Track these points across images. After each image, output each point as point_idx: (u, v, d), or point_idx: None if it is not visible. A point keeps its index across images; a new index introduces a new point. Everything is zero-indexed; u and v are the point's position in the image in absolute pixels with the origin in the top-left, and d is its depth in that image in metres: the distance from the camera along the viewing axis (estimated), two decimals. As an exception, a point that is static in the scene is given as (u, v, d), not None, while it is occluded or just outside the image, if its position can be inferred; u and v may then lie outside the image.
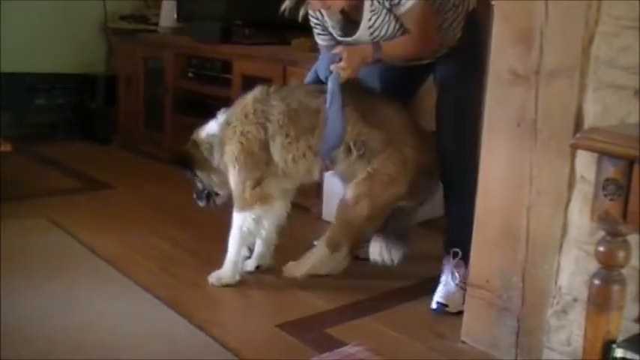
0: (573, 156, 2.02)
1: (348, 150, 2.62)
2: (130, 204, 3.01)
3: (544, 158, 2.10)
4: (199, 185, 2.88)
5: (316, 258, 2.73)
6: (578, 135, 1.68)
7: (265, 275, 2.84)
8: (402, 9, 2.54)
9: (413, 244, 3.23)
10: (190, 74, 4.42)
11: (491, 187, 2.26)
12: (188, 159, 2.83)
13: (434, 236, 3.44)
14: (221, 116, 2.80)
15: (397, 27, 2.60)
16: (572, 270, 2.07)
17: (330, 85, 2.59)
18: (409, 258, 3.10)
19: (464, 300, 2.48)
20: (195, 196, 2.92)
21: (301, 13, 2.65)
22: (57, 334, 2.31)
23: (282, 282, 2.77)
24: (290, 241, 2.92)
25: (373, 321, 2.53)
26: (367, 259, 2.78)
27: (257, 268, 2.88)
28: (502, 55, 2.17)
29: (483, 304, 2.31)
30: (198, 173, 2.84)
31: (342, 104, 2.58)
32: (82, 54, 5.07)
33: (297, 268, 2.74)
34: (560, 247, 2.09)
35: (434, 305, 2.62)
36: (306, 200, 3.40)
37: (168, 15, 4.78)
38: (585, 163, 1.98)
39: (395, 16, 2.57)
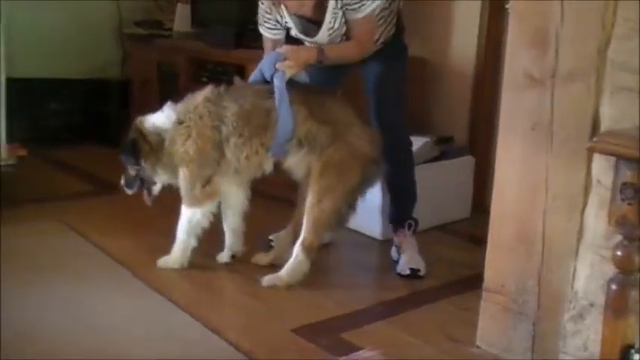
0: (589, 160, 2.00)
1: (300, 144, 2.73)
2: (144, 207, 3.01)
3: (560, 162, 2.09)
4: (132, 173, 2.92)
5: (296, 267, 2.76)
6: (594, 139, 1.67)
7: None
8: (359, 15, 2.74)
9: (428, 249, 3.23)
10: (204, 79, 4.43)
11: (506, 191, 2.25)
12: (135, 148, 2.86)
13: (449, 240, 3.45)
14: (170, 111, 2.85)
15: (344, 31, 2.80)
16: (589, 274, 2.05)
17: (276, 82, 2.70)
18: (425, 262, 3.11)
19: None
20: (123, 182, 2.96)
21: (268, 10, 2.85)
22: (71, 336, 2.32)
23: (297, 286, 2.77)
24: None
25: (388, 326, 2.52)
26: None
27: (232, 257, 2.98)
28: (517, 58, 2.17)
29: (499, 308, 2.29)
30: (143, 163, 2.87)
31: (291, 101, 2.69)
32: (97, 59, 5.10)
33: (279, 279, 2.76)
34: (576, 251, 2.07)
35: (407, 272, 2.89)
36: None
37: (182, 20, 4.80)
38: (601, 167, 1.97)
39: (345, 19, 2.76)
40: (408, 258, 2.94)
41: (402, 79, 2.99)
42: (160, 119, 2.86)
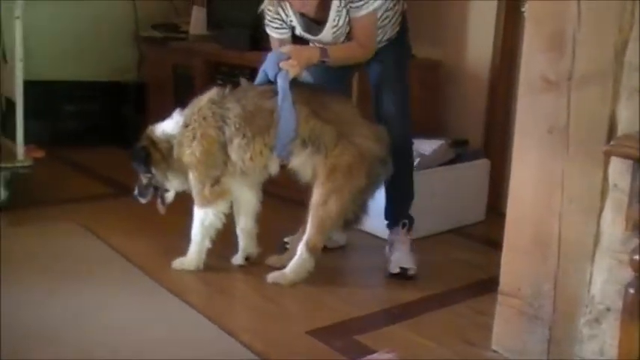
0: (606, 163, 1.99)
1: (304, 144, 2.73)
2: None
3: (576, 165, 2.08)
4: (145, 182, 2.94)
5: (300, 266, 2.77)
6: (611, 142, 1.67)
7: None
8: (361, 13, 2.75)
9: (443, 252, 3.23)
10: (219, 81, 4.44)
11: (521, 195, 2.24)
12: (146, 156, 2.88)
13: (464, 243, 3.44)
14: (178, 117, 2.88)
15: (349, 30, 2.81)
16: (605, 279, 2.04)
17: (279, 82, 2.71)
18: (439, 265, 3.10)
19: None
20: (136, 192, 2.99)
21: (262, 5, 2.86)
22: (87, 338, 2.33)
23: (311, 289, 2.78)
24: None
25: (403, 328, 2.52)
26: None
27: (247, 259, 2.99)
28: (533, 60, 2.16)
29: (514, 312, 2.29)
30: (154, 171, 2.89)
31: (294, 101, 2.69)
32: (114, 62, 5.13)
33: (283, 277, 2.78)
34: (593, 255, 2.06)
35: (396, 270, 2.89)
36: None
37: (198, 23, 4.82)
38: (618, 171, 1.96)
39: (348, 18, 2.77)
40: (398, 257, 2.94)
41: (405, 76, 2.99)
42: (169, 126, 2.88)
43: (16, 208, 3.57)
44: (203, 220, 2.85)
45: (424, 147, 3.48)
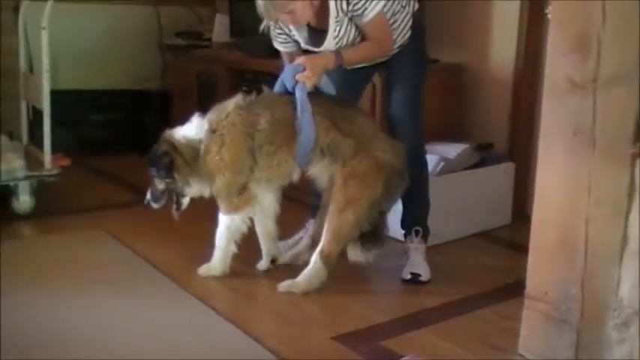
0: (633, 165, 1.97)
1: (322, 153, 2.75)
2: (185, 216, 3.04)
3: (602, 168, 2.06)
4: (161, 187, 2.90)
5: (313, 275, 2.76)
6: (638, 144, 1.65)
7: (320, 287, 2.84)
8: (365, 19, 2.75)
9: (468, 256, 3.21)
10: (244, 88, 4.46)
11: (547, 198, 2.23)
12: (168, 161, 2.84)
13: (489, 247, 3.42)
14: (201, 122, 2.86)
15: (357, 34, 2.81)
16: (633, 282, 2.02)
17: (298, 94, 2.73)
18: (464, 269, 3.09)
19: (429, 271, 2.92)
20: (150, 197, 2.94)
21: (262, 25, 2.87)
22: (114, 344, 2.35)
23: (336, 294, 2.77)
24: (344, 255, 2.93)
25: (428, 333, 2.50)
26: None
27: (273, 262, 3.00)
28: (558, 62, 2.14)
29: (541, 316, 2.26)
30: (176, 176, 2.86)
31: (314, 112, 2.71)
32: (138, 70, 5.18)
33: (296, 286, 2.77)
34: (621, 258, 2.04)
35: (408, 276, 2.90)
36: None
37: (221, 31, 4.85)
38: (646, 173, 1.94)
39: (355, 24, 2.77)
40: (411, 263, 2.94)
41: (419, 84, 2.96)
42: (191, 131, 2.87)
43: (43, 216, 3.62)
44: (229, 225, 2.86)
45: (448, 151, 3.47)
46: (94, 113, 5.06)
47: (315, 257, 2.76)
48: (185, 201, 2.97)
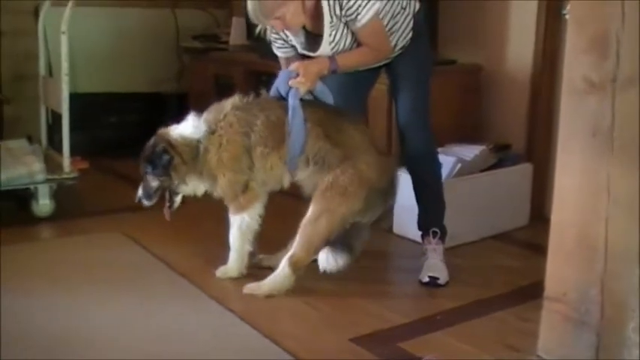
0: (653, 166, 1.95)
1: (307, 162, 2.74)
2: (202, 218, 3.06)
3: (621, 168, 2.04)
4: (155, 184, 2.90)
5: (279, 280, 2.75)
6: (658, 144, 1.63)
7: (337, 288, 2.85)
8: (359, 24, 2.70)
9: (485, 257, 3.20)
10: (261, 91, 4.46)
11: (566, 199, 2.21)
12: (167, 159, 2.84)
13: (507, 249, 3.41)
14: (197, 121, 2.88)
15: (354, 39, 2.77)
16: (654, 283, 2.00)
17: (290, 100, 2.72)
18: (482, 271, 3.08)
19: (447, 274, 2.89)
20: (141, 194, 2.94)
21: (258, 29, 2.87)
22: (133, 345, 2.37)
23: (353, 296, 2.78)
24: (360, 257, 2.93)
25: (446, 335, 2.50)
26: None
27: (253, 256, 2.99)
28: (576, 62, 2.12)
29: (560, 317, 2.25)
30: (173, 175, 2.86)
31: (306, 119, 2.70)
32: (155, 73, 5.21)
33: (260, 289, 2.76)
34: (641, 259, 2.02)
35: (426, 279, 2.87)
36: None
37: (238, 33, 4.87)
38: (666, 173, 1.92)
39: (351, 30, 2.73)
40: (429, 266, 2.92)
41: (424, 85, 2.92)
42: (188, 130, 2.87)
43: (61, 219, 3.65)
44: (240, 225, 2.87)
45: (466, 152, 3.46)
46: (111, 116, 5.09)
47: (284, 262, 2.74)
48: (178, 199, 2.96)
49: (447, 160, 3.37)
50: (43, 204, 3.63)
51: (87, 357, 2.27)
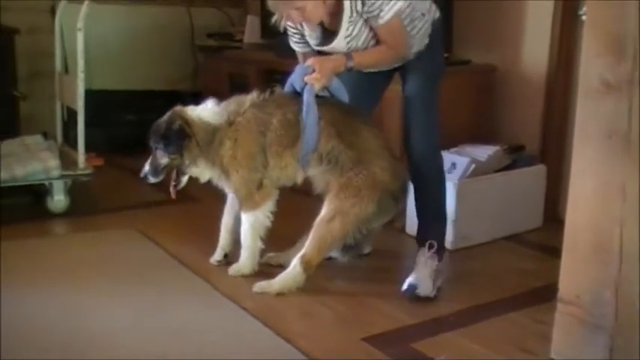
0: (669, 169, 1.94)
1: (320, 159, 2.74)
2: (216, 216, 3.07)
3: (637, 171, 2.03)
4: (165, 162, 2.87)
5: (290, 278, 2.75)
6: (675, 146, 1.62)
7: (350, 288, 2.85)
8: (381, 21, 2.67)
9: (498, 259, 3.18)
10: (274, 87, 4.47)
11: (581, 200, 2.20)
12: (183, 137, 2.81)
13: (520, 250, 3.39)
14: (217, 108, 2.88)
15: (370, 36, 2.74)
16: (669, 286, 1.99)
17: (305, 95, 2.72)
18: (495, 272, 3.06)
19: (433, 288, 2.74)
20: (148, 170, 2.91)
21: (282, 23, 2.82)
22: (145, 342, 2.38)
23: (366, 295, 2.78)
24: (373, 256, 2.94)
25: (458, 336, 2.49)
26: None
27: (225, 256, 3.03)
28: (592, 64, 2.12)
29: (574, 320, 2.24)
30: (185, 154, 2.83)
31: (320, 116, 2.70)
32: (170, 71, 5.22)
33: (270, 287, 2.76)
34: (656, 262, 2.01)
35: (405, 286, 2.74)
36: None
37: (252, 32, 4.87)
38: (682, 176, 1.91)
39: (369, 26, 2.70)
40: (414, 277, 2.76)
41: (432, 93, 2.84)
42: (207, 114, 2.87)
43: (76, 215, 3.67)
44: (253, 222, 2.86)
45: (479, 153, 3.45)
46: (126, 113, 5.10)
47: (295, 261, 2.74)
48: (184, 179, 2.95)
49: (461, 160, 3.36)
50: (58, 200, 3.65)
51: (99, 353, 2.28)
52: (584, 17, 2.18)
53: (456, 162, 3.36)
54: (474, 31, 3.95)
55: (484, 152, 3.45)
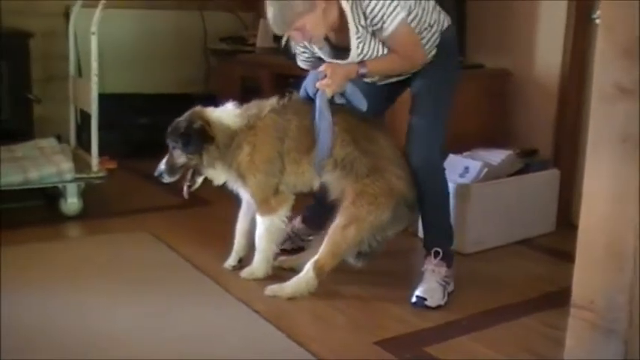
0: (684, 173, 1.93)
1: (335, 165, 2.74)
2: (228, 220, 3.07)
3: (652, 175, 2.02)
4: (181, 162, 2.87)
5: (303, 282, 2.75)
6: (690, 150, 1.62)
7: (362, 292, 2.85)
8: (385, 33, 2.64)
9: (511, 263, 3.17)
10: (288, 93, 4.48)
11: (595, 205, 2.19)
12: (203, 138, 2.81)
13: (533, 255, 3.39)
14: (238, 111, 2.87)
15: (383, 47, 2.70)
16: (683, 291, 1.98)
17: (317, 101, 2.71)
18: (508, 277, 3.06)
19: (443, 296, 2.72)
20: (163, 169, 2.90)
21: (283, 40, 2.84)
22: (156, 344, 2.38)
23: (379, 299, 2.78)
24: (386, 259, 2.93)
25: (471, 340, 2.49)
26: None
27: (239, 262, 3.03)
28: (606, 68, 2.11)
29: (587, 325, 2.23)
30: (204, 155, 2.82)
31: (336, 123, 2.69)
32: (183, 75, 5.25)
33: (282, 291, 2.76)
34: (670, 267, 2.00)
35: (413, 299, 2.72)
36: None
37: (265, 36, 4.89)
38: (697, 180, 1.90)
39: (378, 39, 2.69)
40: (421, 287, 2.75)
41: (441, 103, 2.80)
42: (227, 116, 2.86)
43: (89, 218, 3.69)
44: (268, 226, 2.87)
45: (492, 157, 3.44)
46: (139, 117, 5.12)
47: (308, 265, 2.74)
48: (199, 180, 2.94)
49: (474, 164, 3.36)
50: (71, 202, 3.66)
51: (112, 356, 2.29)
52: (597, 21, 2.18)
53: (469, 166, 3.36)
54: (487, 36, 3.95)
55: (497, 156, 3.45)
